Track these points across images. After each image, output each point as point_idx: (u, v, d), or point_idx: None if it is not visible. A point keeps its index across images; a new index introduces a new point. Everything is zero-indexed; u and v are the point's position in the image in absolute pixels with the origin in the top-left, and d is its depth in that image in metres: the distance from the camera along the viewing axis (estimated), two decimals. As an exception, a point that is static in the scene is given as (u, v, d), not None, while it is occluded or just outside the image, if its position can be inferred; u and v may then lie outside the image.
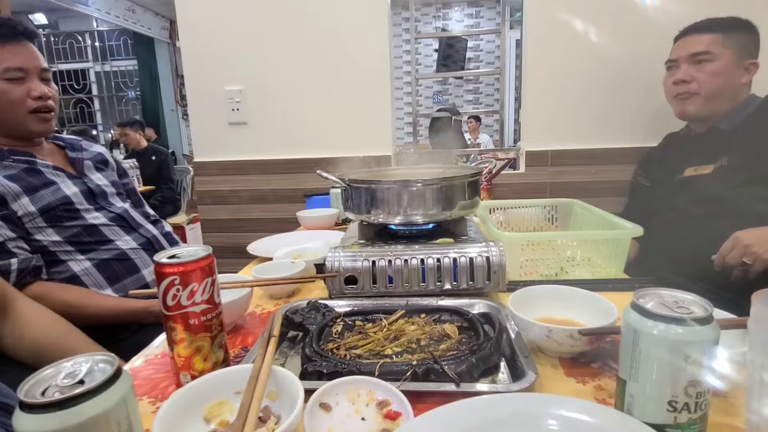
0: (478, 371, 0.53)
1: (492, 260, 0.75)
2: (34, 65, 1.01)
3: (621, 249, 0.86)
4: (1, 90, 0.98)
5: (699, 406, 0.38)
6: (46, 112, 1.04)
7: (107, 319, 0.96)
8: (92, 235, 1.06)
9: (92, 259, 1.04)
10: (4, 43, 0.98)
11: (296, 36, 1.76)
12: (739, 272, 0.97)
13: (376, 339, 0.60)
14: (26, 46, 1.01)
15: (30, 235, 0.98)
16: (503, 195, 1.71)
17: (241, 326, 0.73)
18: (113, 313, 0.97)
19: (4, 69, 0.97)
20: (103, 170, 1.22)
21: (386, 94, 1.77)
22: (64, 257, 1.01)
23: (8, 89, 0.98)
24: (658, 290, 0.42)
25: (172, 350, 0.53)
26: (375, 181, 0.84)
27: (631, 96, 1.64)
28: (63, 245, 1.01)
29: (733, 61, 1.18)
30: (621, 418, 0.40)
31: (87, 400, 0.32)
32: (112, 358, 0.35)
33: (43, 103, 1.02)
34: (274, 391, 0.46)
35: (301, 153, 1.84)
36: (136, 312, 0.97)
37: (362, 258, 0.77)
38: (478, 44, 6.48)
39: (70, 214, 1.04)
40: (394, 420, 0.44)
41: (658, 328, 0.38)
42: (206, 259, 0.52)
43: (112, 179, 1.22)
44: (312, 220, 1.37)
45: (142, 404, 0.52)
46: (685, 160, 1.28)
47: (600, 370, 0.54)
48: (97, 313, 0.96)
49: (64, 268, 1.01)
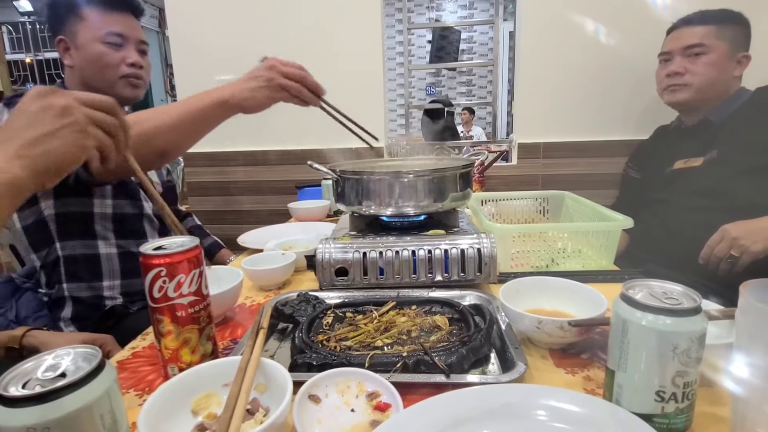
0: (469, 362, 0.53)
1: (483, 252, 0.75)
2: (134, 35, 1.06)
3: (611, 241, 0.87)
4: (99, 52, 1.01)
5: (686, 396, 0.39)
6: (137, 79, 1.07)
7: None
8: (129, 225, 1.05)
9: (120, 247, 1.03)
10: (111, 10, 1.02)
11: (287, 25, 1.73)
12: (726, 265, 0.98)
13: (366, 331, 0.59)
14: (130, 17, 1.06)
15: (89, 195, 0.98)
16: (495, 187, 1.71)
17: (231, 318, 0.72)
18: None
19: (106, 33, 1.01)
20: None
21: (379, 85, 1.76)
22: (99, 232, 1.00)
23: (106, 52, 1.02)
24: (647, 281, 0.42)
25: (160, 342, 0.52)
26: (366, 173, 0.83)
27: (622, 89, 1.65)
28: (106, 221, 1.00)
29: (726, 54, 1.19)
30: (609, 408, 0.40)
31: (69, 393, 0.31)
32: (95, 351, 0.34)
33: (135, 71, 1.06)
34: (262, 383, 0.46)
35: (292, 144, 1.82)
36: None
37: (353, 249, 0.76)
38: (471, 36, 6.45)
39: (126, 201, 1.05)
40: (384, 411, 0.44)
41: (646, 318, 0.38)
42: (193, 251, 0.51)
43: (163, 179, 1.24)
44: (303, 211, 1.36)
45: (128, 397, 0.52)
46: (675, 153, 1.29)
47: (589, 360, 0.55)
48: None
49: (92, 244, 0.99)
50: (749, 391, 0.36)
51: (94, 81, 1.04)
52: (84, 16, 1.01)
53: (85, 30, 1.01)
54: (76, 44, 1.02)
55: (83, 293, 0.99)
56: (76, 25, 1.01)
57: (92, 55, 1.01)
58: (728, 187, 1.11)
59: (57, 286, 0.99)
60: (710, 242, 1.00)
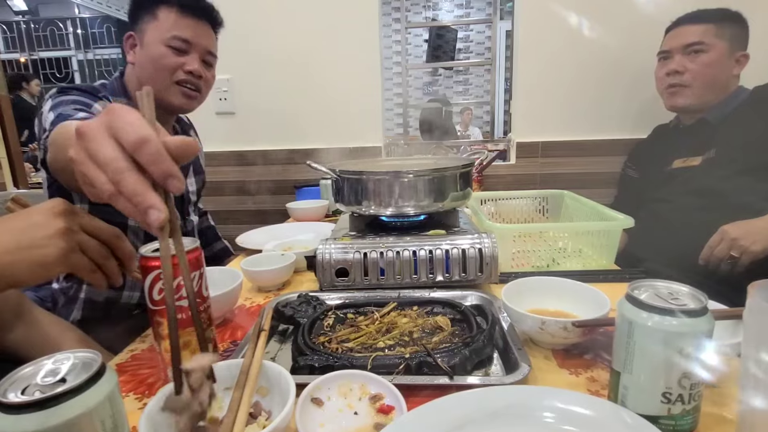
0: (472, 364, 0.52)
1: (485, 252, 0.74)
2: (203, 44, 1.02)
3: (612, 240, 0.86)
4: (160, 53, 0.97)
5: (693, 397, 0.38)
6: (193, 89, 1.02)
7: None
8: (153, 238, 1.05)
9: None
10: (185, 15, 0.99)
11: (285, 25, 1.73)
12: (726, 265, 0.98)
13: (368, 332, 0.59)
14: (204, 26, 1.02)
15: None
16: (493, 186, 1.71)
17: (230, 320, 0.72)
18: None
19: (172, 36, 0.97)
20: (199, 172, 1.22)
21: (376, 85, 1.75)
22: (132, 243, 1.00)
23: (166, 54, 0.98)
24: (652, 282, 0.42)
25: (159, 345, 0.51)
26: (366, 172, 0.83)
27: (621, 87, 1.65)
28: (139, 233, 0.98)
29: (726, 52, 1.19)
30: (616, 410, 0.40)
31: (69, 399, 0.30)
32: (95, 355, 0.34)
33: (192, 79, 1.01)
34: (264, 386, 0.46)
35: (290, 144, 1.81)
36: None
37: (353, 250, 0.76)
38: (468, 35, 6.45)
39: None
40: (387, 414, 0.44)
41: (653, 319, 0.38)
42: (193, 252, 0.51)
43: (198, 186, 1.21)
44: (302, 211, 1.35)
45: (128, 401, 0.51)
46: (673, 152, 1.29)
47: (593, 361, 0.54)
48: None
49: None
50: (756, 391, 0.35)
51: (148, 82, 1.00)
52: (158, 15, 0.98)
53: (154, 29, 0.98)
54: (142, 42, 1.00)
55: (100, 297, 0.98)
56: (148, 23, 0.99)
57: (153, 55, 0.98)
58: (727, 187, 1.11)
59: (75, 286, 0.97)
60: (710, 243, 1.00)
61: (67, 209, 0.48)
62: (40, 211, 0.48)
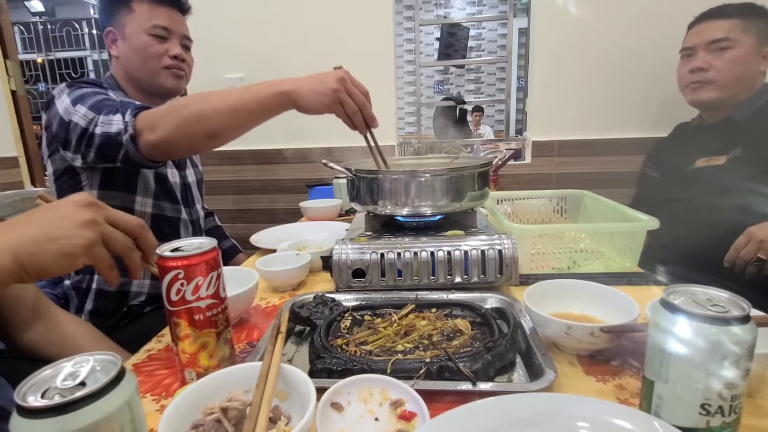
0: (494, 369, 0.51)
1: (504, 253, 0.73)
2: (179, 30, 1.09)
3: (636, 242, 0.84)
4: (144, 43, 1.04)
5: (733, 409, 0.36)
6: (179, 70, 1.10)
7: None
8: (166, 227, 1.07)
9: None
10: (159, 5, 1.06)
11: (298, 23, 1.72)
12: (753, 268, 0.95)
13: (386, 334, 0.58)
14: (176, 13, 1.10)
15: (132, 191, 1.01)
16: (508, 186, 1.69)
17: (246, 320, 0.71)
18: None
19: (152, 25, 1.04)
20: (195, 165, 1.24)
21: (390, 83, 1.74)
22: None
23: (151, 43, 1.05)
24: (689, 287, 0.40)
25: (177, 346, 0.51)
26: (383, 171, 0.81)
27: (640, 85, 1.61)
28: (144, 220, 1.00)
29: (753, 48, 1.15)
30: (651, 421, 0.38)
31: (89, 403, 0.29)
32: (114, 358, 0.33)
33: (177, 63, 1.09)
34: (283, 390, 0.45)
35: (303, 143, 1.81)
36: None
37: (370, 251, 0.75)
38: (479, 33, 6.40)
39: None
40: (409, 421, 0.42)
41: (692, 327, 0.36)
42: (211, 252, 0.50)
43: (198, 177, 1.25)
44: (315, 210, 1.34)
45: (145, 402, 0.50)
46: (696, 151, 1.26)
47: (620, 368, 0.52)
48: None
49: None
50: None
51: (137, 71, 1.06)
52: (133, 8, 1.04)
53: (133, 21, 1.04)
54: (123, 35, 1.05)
55: (111, 287, 0.99)
56: (125, 16, 1.04)
57: (137, 45, 1.04)
58: (754, 187, 1.08)
59: (86, 277, 0.99)
60: (736, 245, 0.97)
61: (92, 202, 0.49)
62: (67, 204, 0.48)
